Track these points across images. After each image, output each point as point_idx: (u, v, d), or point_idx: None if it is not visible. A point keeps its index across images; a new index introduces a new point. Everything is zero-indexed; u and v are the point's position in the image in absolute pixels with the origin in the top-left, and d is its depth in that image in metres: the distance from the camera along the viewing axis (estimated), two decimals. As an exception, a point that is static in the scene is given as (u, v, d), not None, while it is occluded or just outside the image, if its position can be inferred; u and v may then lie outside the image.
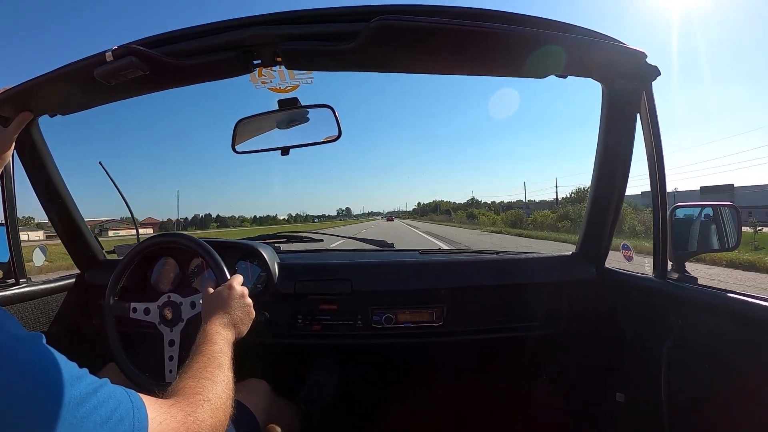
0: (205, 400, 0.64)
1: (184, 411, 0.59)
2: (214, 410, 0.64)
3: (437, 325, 1.40)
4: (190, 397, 0.64)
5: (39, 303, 1.38)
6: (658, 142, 1.15)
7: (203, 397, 0.64)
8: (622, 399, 1.33)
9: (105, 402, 0.49)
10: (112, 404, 0.49)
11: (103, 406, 0.48)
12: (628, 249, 1.52)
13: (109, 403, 0.49)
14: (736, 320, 0.93)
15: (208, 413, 0.62)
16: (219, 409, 0.65)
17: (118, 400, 0.50)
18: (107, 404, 0.49)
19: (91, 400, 0.47)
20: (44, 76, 1.06)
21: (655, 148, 1.15)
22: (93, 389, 0.49)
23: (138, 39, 0.97)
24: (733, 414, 0.94)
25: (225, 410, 0.67)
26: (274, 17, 0.92)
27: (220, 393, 0.68)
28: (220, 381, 0.71)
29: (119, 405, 0.50)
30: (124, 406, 0.50)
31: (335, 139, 1.24)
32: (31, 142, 1.33)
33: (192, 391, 0.65)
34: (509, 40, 0.92)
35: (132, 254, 1.20)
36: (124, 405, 0.50)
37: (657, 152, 1.15)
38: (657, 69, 1.08)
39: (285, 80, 1.14)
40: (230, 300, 0.96)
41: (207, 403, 0.64)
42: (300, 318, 1.42)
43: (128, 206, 1.65)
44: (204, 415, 0.61)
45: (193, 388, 0.66)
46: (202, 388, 0.67)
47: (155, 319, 1.14)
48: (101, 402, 0.48)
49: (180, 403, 0.61)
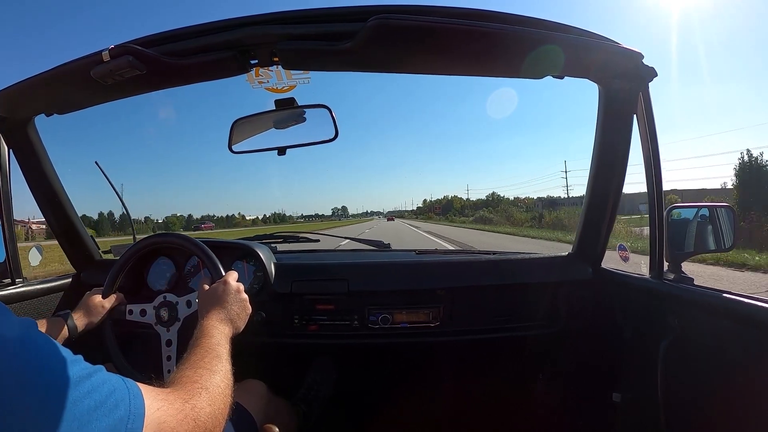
0: (203, 388, 0.64)
1: (181, 398, 0.59)
2: (212, 398, 0.63)
3: (434, 326, 1.40)
4: (187, 385, 0.64)
5: (35, 303, 1.38)
6: (655, 142, 1.15)
7: (200, 385, 0.64)
8: (618, 399, 1.33)
9: (99, 387, 0.48)
10: (106, 389, 0.48)
11: (98, 391, 0.47)
12: (624, 249, 1.53)
13: (104, 388, 0.48)
14: (732, 320, 0.94)
15: (206, 401, 0.62)
16: (217, 398, 0.65)
17: (113, 386, 0.50)
18: (101, 389, 0.48)
19: (85, 384, 0.47)
20: (41, 75, 1.06)
21: (651, 148, 1.15)
22: (87, 374, 0.48)
23: (135, 38, 0.97)
24: (730, 413, 0.94)
25: (223, 399, 0.67)
26: (271, 17, 0.92)
27: (218, 382, 0.68)
28: (218, 371, 0.71)
29: (114, 390, 0.49)
30: (120, 392, 0.50)
31: (332, 139, 1.24)
32: (27, 141, 1.33)
33: (189, 380, 0.65)
34: (506, 40, 0.93)
35: (128, 254, 1.20)
36: (119, 391, 0.50)
37: (653, 153, 1.15)
38: (654, 70, 1.08)
39: (282, 80, 1.14)
40: (226, 295, 0.97)
41: (204, 391, 0.63)
42: (297, 318, 1.42)
43: (124, 206, 1.65)
44: (202, 403, 0.61)
45: (191, 377, 0.66)
46: (199, 377, 0.67)
47: (152, 320, 1.14)
48: (95, 387, 0.48)
49: (177, 391, 0.61)
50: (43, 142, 1.37)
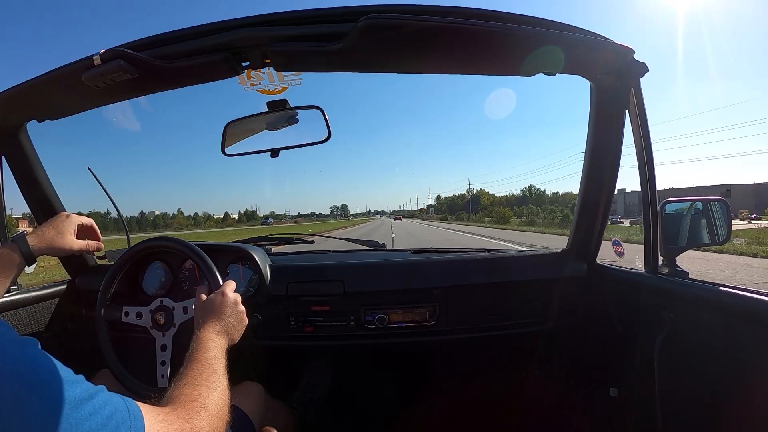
0: (202, 407, 0.64)
1: (181, 418, 0.59)
2: (211, 417, 0.64)
3: (429, 324, 1.40)
4: (186, 404, 0.64)
5: (31, 310, 1.37)
6: (647, 138, 1.16)
7: (200, 404, 0.64)
8: (615, 394, 1.33)
9: (101, 409, 0.48)
10: (108, 411, 0.49)
11: (99, 413, 0.48)
12: (618, 245, 1.53)
13: (105, 410, 0.49)
14: (727, 313, 0.94)
15: (206, 420, 0.62)
16: (216, 416, 0.65)
17: (114, 407, 0.50)
18: (103, 411, 0.48)
19: (86, 407, 0.47)
20: (32, 81, 1.05)
21: (644, 144, 1.16)
22: (88, 395, 0.48)
23: (126, 42, 0.97)
24: (726, 406, 0.95)
25: (222, 417, 0.68)
26: (262, 19, 0.92)
27: (216, 399, 0.68)
28: (216, 387, 0.71)
29: (115, 412, 0.50)
30: (121, 414, 0.50)
31: (325, 140, 1.24)
32: (19, 148, 1.32)
33: (188, 398, 0.65)
34: (498, 38, 0.93)
35: (123, 259, 1.20)
36: (120, 413, 0.50)
37: (646, 148, 1.16)
38: (645, 65, 1.09)
39: (274, 82, 1.13)
40: (223, 307, 0.96)
41: (204, 410, 0.64)
42: (293, 320, 1.42)
43: (117, 210, 1.64)
44: (201, 422, 0.61)
45: (189, 395, 0.66)
46: (198, 395, 0.67)
47: (147, 324, 1.14)
48: (97, 409, 0.48)
49: (177, 410, 0.61)
50: (35, 147, 1.36)
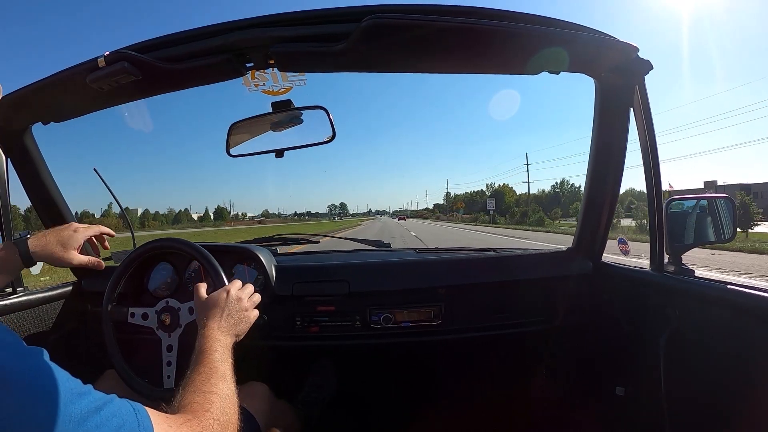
0: (215, 419, 0.64)
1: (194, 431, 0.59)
2: (223, 428, 0.64)
3: (435, 324, 1.40)
4: (199, 414, 0.63)
5: (37, 311, 1.37)
6: (652, 135, 1.16)
7: (212, 416, 0.64)
8: (622, 393, 1.33)
9: (108, 422, 0.48)
10: (115, 424, 0.48)
11: (107, 425, 0.47)
12: (624, 243, 1.53)
13: (113, 422, 0.48)
14: (733, 311, 0.94)
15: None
16: (228, 426, 0.65)
17: (122, 419, 0.49)
18: (111, 423, 0.48)
19: (93, 420, 0.46)
20: (36, 83, 1.06)
21: (649, 141, 1.15)
22: (96, 407, 0.48)
23: (130, 44, 0.97)
24: (733, 405, 0.94)
25: (233, 426, 0.68)
26: (266, 19, 0.92)
27: (226, 408, 0.68)
28: (225, 395, 0.71)
29: (123, 425, 0.49)
30: (130, 426, 0.49)
31: (330, 140, 1.24)
32: (24, 150, 1.32)
33: (201, 408, 0.65)
34: (501, 36, 0.93)
35: (128, 260, 1.20)
36: (129, 424, 0.49)
37: (651, 146, 1.16)
38: (649, 63, 1.08)
39: (278, 82, 1.14)
40: (227, 304, 0.95)
41: (216, 423, 0.63)
42: (298, 320, 1.42)
43: (122, 210, 1.64)
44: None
45: (201, 404, 0.66)
46: (210, 404, 0.66)
47: (153, 324, 1.14)
48: (105, 420, 0.47)
49: (191, 422, 0.60)
50: (40, 149, 1.37)
